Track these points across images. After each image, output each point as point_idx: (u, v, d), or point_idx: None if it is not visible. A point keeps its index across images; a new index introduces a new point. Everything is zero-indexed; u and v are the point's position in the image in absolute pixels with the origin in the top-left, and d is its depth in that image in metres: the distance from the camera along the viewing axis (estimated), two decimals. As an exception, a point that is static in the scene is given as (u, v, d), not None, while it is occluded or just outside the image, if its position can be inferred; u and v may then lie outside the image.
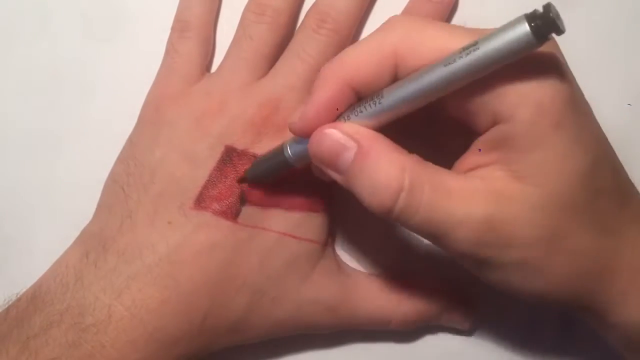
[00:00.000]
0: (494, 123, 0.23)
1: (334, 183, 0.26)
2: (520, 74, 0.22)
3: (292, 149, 0.27)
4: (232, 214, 0.28)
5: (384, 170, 0.24)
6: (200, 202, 0.28)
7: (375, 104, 0.24)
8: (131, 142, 0.31)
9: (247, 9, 0.32)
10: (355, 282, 0.31)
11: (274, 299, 0.29)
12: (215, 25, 0.34)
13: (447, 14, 0.33)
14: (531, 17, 0.21)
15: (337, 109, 0.25)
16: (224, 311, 0.28)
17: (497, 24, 0.33)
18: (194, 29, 0.32)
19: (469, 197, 0.23)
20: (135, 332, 0.26)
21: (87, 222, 0.30)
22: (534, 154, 0.23)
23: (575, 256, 0.24)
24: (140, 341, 0.26)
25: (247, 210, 0.29)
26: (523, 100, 0.23)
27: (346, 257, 0.32)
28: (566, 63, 0.25)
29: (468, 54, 0.22)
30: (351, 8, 0.32)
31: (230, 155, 0.29)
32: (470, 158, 0.25)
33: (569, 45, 0.33)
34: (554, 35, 0.22)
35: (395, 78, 0.24)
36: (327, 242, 0.31)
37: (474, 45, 0.22)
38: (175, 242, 0.28)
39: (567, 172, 0.23)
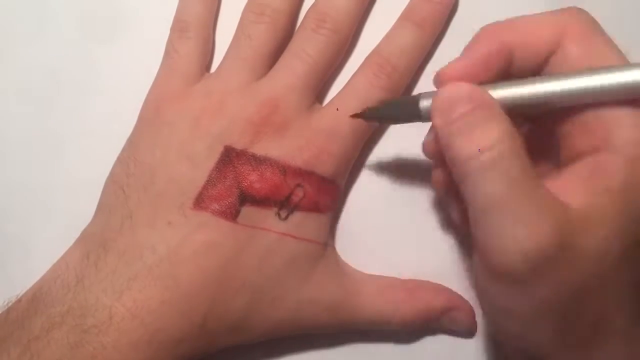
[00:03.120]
0: (595, 150, 0.24)
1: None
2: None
3: (427, 102, 0.26)
4: (232, 214, 0.28)
5: (491, 123, 0.23)
6: (200, 202, 0.28)
7: (524, 85, 0.24)
8: (131, 142, 0.31)
9: (246, 9, 0.32)
10: (356, 282, 0.31)
11: (274, 299, 0.29)
12: (215, 25, 0.34)
13: (447, 14, 0.33)
14: None
15: (487, 70, 0.25)
16: (224, 311, 0.28)
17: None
18: (194, 29, 0.32)
19: (547, 207, 0.23)
20: (136, 333, 0.26)
21: (87, 222, 0.30)
22: (625, 193, 0.23)
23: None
24: (141, 342, 0.26)
25: (247, 211, 0.29)
26: (632, 137, 0.23)
27: (346, 257, 0.32)
28: None
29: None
30: (351, 8, 0.32)
31: (229, 155, 0.29)
32: (556, 183, 0.24)
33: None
34: None
35: (546, 63, 0.25)
36: (327, 242, 0.31)
37: None
38: (176, 242, 0.28)
39: None
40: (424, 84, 0.33)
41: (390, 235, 0.32)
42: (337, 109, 0.30)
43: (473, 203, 0.23)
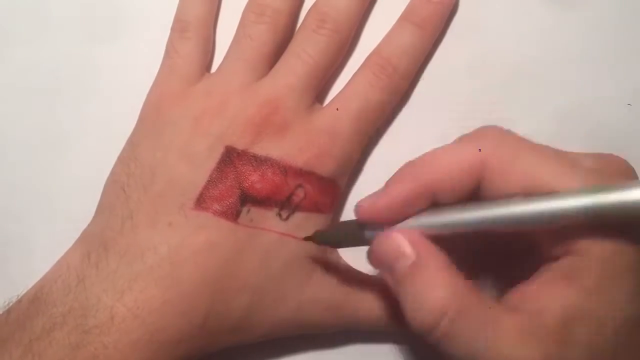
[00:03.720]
0: (566, 254, 0.23)
1: None
2: None
3: (371, 233, 0.26)
4: (233, 215, 0.28)
5: (434, 290, 0.23)
6: (201, 202, 0.28)
7: (453, 215, 0.24)
8: (131, 142, 0.31)
9: (247, 9, 0.32)
10: (356, 282, 0.31)
11: (275, 299, 0.29)
12: (215, 25, 0.34)
13: (448, 15, 0.33)
14: None
15: (408, 208, 0.25)
16: (224, 311, 0.28)
17: (497, 24, 0.34)
18: (194, 29, 0.32)
19: (522, 337, 0.23)
20: (137, 333, 0.26)
21: (87, 222, 0.30)
22: (600, 293, 0.23)
23: None
24: (142, 342, 0.26)
25: (248, 211, 0.29)
26: (602, 239, 0.23)
27: (346, 257, 0.32)
28: None
29: (575, 198, 0.22)
30: (351, 8, 0.32)
31: (230, 155, 0.29)
32: (530, 287, 0.25)
33: (569, 45, 0.33)
34: None
35: (475, 191, 0.24)
36: (328, 242, 0.31)
37: (586, 192, 0.22)
38: (176, 242, 0.28)
39: (621, 319, 0.23)
40: (425, 84, 0.33)
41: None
42: (338, 109, 0.30)
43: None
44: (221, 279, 0.28)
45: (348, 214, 0.33)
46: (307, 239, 0.28)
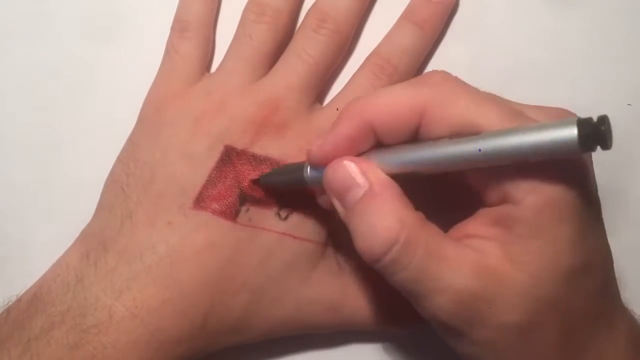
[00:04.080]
0: (503, 201, 0.23)
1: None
2: (542, 165, 0.22)
3: (312, 171, 0.27)
4: (232, 214, 0.28)
5: (384, 219, 0.23)
6: (200, 202, 0.28)
7: (398, 154, 0.24)
8: (131, 142, 0.31)
9: (247, 8, 0.32)
10: (356, 282, 0.31)
11: (274, 299, 0.29)
12: (215, 25, 0.34)
13: (448, 15, 0.33)
14: (583, 124, 0.20)
15: (355, 147, 0.25)
16: (224, 311, 0.28)
17: (497, 24, 0.34)
18: (194, 29, 0.32)
19: (460, 267, 0.23)
20: (136, 333, 0.26)
21: (87, 222, 0.30)
22: (533, 243, 0.23)
23: (542, 352, 0.24)
24: (141, 342, 0.26)
25: (247, 210, 0.29)
26: (536, 188, 0.22)
27: (346, 257, 0.32)
28: (592, 170, 0.24)
29: (504, 136, 0.22)
30: (351, 8, 0.32)
31: (229, 155, 0.29)
32: (471, 225, 0.25)
33: (569, 45, 0.33)
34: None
35: (416, 132, 0.24)
36: (327, 242, 0.31)
37: (513, 132, 0.22)
38: (175, 242, 0.28)
39: (559, 269, 0.23)
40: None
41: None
42: (338, 109, 0.30)
43: (394, 286, 0.24)
44: (221, 279, 0.28)
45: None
46: (254, 182, 0.29)
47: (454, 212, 0.26)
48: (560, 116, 0.25)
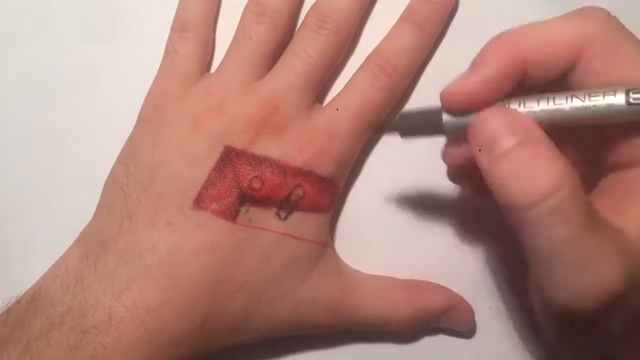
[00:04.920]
0: (632, 163, 0.23)
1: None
2: None
3: (451, 118, 0.24)
4: (231, 214, 0.28)
5: (550, 165, 0.21)
6: (200, 202, 0.28)
7: (552, 102, 0.22)
8: (131, 142, 0.31)
9: (247, 8, 0.32)
10: (355, 282, 0.31)
11: (274, 299, 0.29)
12: (215, 25, 0.34)
13: (448, 15, 0.33)
14: None
15: (500, 88, 0.23)
16: (224, 311, 0.28)
17: (497, 24, 0.34)
18: (194, 29, 0.32)
19: (612, 247, 0.21)
20: (136, 333, 0.26)
21: (87, 222, 0.30)
22: None
23: None
24: (142, 342, 0.26)
25: (247, 211, 0.29)
26: None
27: (346, 257, 0.32)
28: None
29: None
30: (352, 8, 0.32)
31: (229, 155, 0.29)
32: (603, 200, 0.23)
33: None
34: None
35: (566, 73, 0.23)
36: (327, 242, 0.31)
37: None
38: (175, 242, 0.28)
39: None
40: (425, 84, 0.33)
41: (389, 235, 0.32)
42: (337, 109, 0.30)
43: (534, 251, 0.22)
44: (220, 279, 0.28)
45: (347, 213, 0.33)
46: (377, 128, 0.26)
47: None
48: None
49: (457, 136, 0.24)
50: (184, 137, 0.29)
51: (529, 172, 0.21)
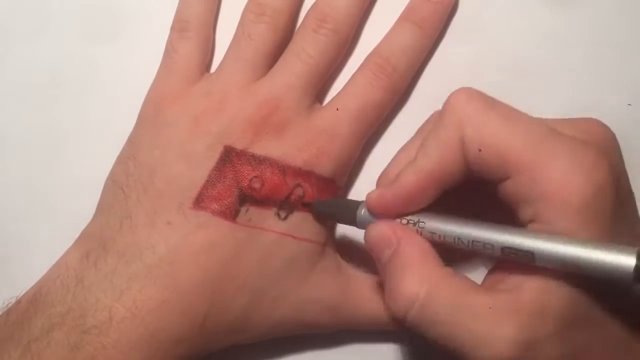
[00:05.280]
0: (533, 219, 0.24)
1: None
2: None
3: (365, 216, 0.27)
4: (231, 214, 0.28)
5: (405, 278, 0.24)
6: (199, 202, 0.28)
7: (445, 237, 0.25)
8: (131, 142, 0.31)
9: (246, 8, 0.32)
10: (356, 282, 0.31)
11: (274, 299, 0.29)
12: (215, 25, 0.34)
13: (447, 14, 0.33)
14: None
15: (413, 204, 0.26)
16: (224, 311, 0.28)
17: (497, 24, 0.34)
18: (194, 29, 0.32)
19: (497, 316, 0.23)
20: (137, 333, 0.26)
21: (87, 222, 0.30)
22: None
23: None
24: (142, 342, 0.26)
25: (247, 211, 0.29)
26: (568, 208, 0.22)
27: (346, 257, 0.32)
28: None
29: (555, 243, 0.22)
30: (351, 8, 0.32)
31: (229, 155, 0.29)
32: (503, 264, 0.25)
33: (569, 45, 0.33)
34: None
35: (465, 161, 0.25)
36: (327, 242, 0.31)
37: (567, 242, 0.22)
38: (175, 242, 0.28)
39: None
40: (424, 84, 0.33)
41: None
42: (337, 109, 0.30)
43: (431, 344, 0.24)
44: (220, 279, 0.28)
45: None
46: (306, 205, 0.29)
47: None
48: (592, 128, 0.25)
49: None
50: (184, 137, 0.29)
51: (393, 287, 0.25)
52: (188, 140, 0.29)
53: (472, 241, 0.24)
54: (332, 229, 0.32)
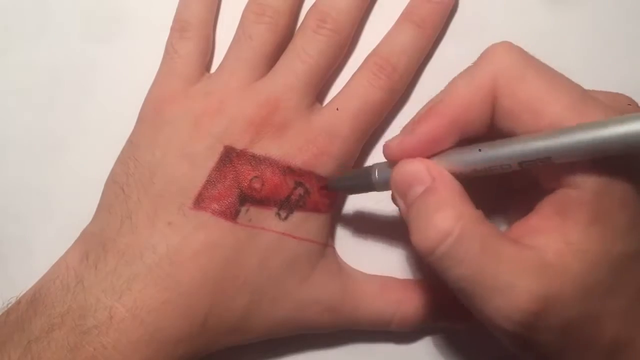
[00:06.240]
0: (561, 185, 0.23)
1: None
2: None
3: (381, 173, 0.27)
4: (232, 214, 0.28)
5: (441, 211, 0.23)
6: (200, 202, 0.28)
7: (472, 154, 0.24)
8: (131, 142, 0.31)
9: (247, 9, 0.32)
10: (356, 282, 0.31)
11: (274, 299, 0.29)
12: (215, 25, 0.34)
13: (447, 14, 0.33)
14: None
15: (434, 148, 0.25)
16: (224, 311, 0.28)
17: (497, 24, 0.34)
18: (194, 29, 0.32)
19: (519, 267, 0.23)
20: (137, 333, 0.26)
21: (87, 222, 0.30)
22: (594, 229, 0.23)
23: (599, 341, 0.24)
24: (142, 342, 0.26)
25: (247, 211, 0.29)
26: (597, 171, 0.22)
27: (346, 257, 0.32)
28: None
29: (590, 130, 0.22)
30: (351, 8, 0.32)
31: (229, 155, 0.29)
32: (531, 221, 0.25)
33: (569, 45, 0.33)
34: None
35: (493, 112, 0.24)
36: (327, 242, 0.31)
37: (601, 125, 0.21)
38: (175, 242, 0.28)
39: (615, 255, 0.23)
40: (424, 84, 0.33)
41: (389, 235, 0.32)
42: (337, 109, 0.30)
43: (449, 285, 0.24)
44: (221, 279, 0.28)
45: (348, 213, 0.33)
46: (322, 188, 0.29)
47: (515, 212, 0.26)
48: (623, 100, 0.25)
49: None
50: (184, 137, 0.29)
51: (424, 221, 0.24)
52: (188, 140, 0.29)
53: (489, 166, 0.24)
54: (332, 229, 0.32)
